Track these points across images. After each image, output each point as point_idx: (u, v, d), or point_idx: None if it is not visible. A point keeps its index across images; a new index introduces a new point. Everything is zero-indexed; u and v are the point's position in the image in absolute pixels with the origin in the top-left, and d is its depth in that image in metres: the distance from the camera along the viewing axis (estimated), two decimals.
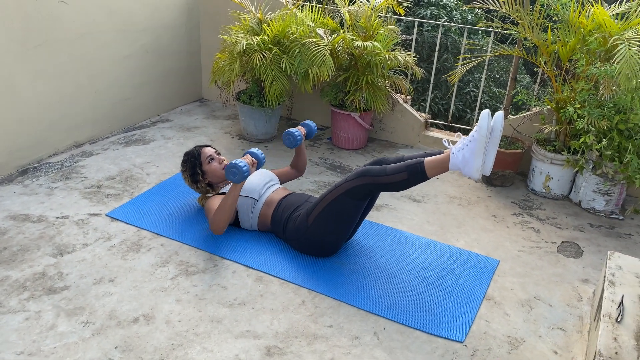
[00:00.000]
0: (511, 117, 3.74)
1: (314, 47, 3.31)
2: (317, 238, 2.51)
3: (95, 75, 3.67)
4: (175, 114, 4.41)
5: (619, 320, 1.98)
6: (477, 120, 3.59)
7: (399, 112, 3.95)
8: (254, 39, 3.45)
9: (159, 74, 4.22)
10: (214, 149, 2.89)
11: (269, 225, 2.71)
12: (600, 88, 2.68)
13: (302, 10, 3.63)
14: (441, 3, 7.15)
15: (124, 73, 3.89)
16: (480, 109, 6.88)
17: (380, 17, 3.63)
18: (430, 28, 6.63)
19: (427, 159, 2.25)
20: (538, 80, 3.61)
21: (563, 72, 3.16)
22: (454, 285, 2.49)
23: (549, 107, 3.32)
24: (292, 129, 2.85)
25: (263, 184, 2.76)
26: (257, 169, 2.71)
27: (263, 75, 3.41)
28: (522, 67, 8.21)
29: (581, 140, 2.81)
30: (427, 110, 4.06)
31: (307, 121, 2.97)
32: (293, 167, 3.08)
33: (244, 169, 2.44)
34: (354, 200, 2.40)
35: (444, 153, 2.31)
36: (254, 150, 2.69)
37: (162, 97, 4.34)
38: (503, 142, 3.54)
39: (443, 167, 2.22)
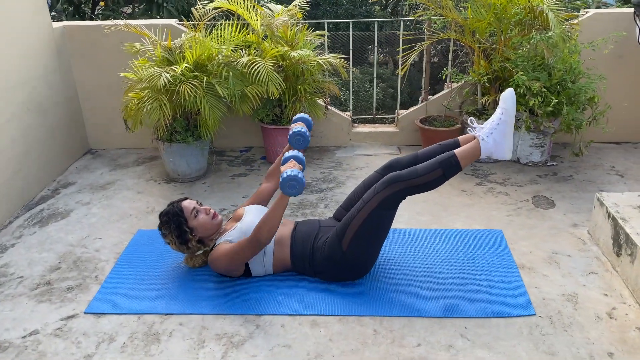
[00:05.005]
0: (430, 97, 3.94)
1: (254, 66, 3.06)
2: (356, 260, 2.35)
3: None
4: (73, 175, 3.73)
5: None
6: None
7: (328, 115, 3.88)
8: (174, 69, 3.07)
9: (44, 133, 3.52)
10: (194, 199, 2.52)
11: (289, 264, 2.46)
12: (546, 53, 2.97)
13: (214, 30, 3.32)
14: None
15: (7, 141, 3.15)
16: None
17: (298, 25, 3.51)
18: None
19: (457, 150, 2.24)
20: (450, 57, 3.85)
21: (482, 46, 3.41)
22: (485, 264, 2.55)
23: (470, 80, 3.56)
24: (298, 128, 2.48)
25: None
26: None
27: (200, 106, 3.05)
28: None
29: (531, 103, 3.07)
30: (350, 108, 4.06)
31: (300, 115, 2.63)
32: (270, 177, 2.73)
33: (303, 179, 2.14)
34: (388, 211, 2.30)
35: (467, 141, 2.33)
36: (295, 153, 2.31)
37: (53, 158, 3.63)
38: (437, 122, 3.72)
39: (475, 154, 2.24)
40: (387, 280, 2.45)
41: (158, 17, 7.13)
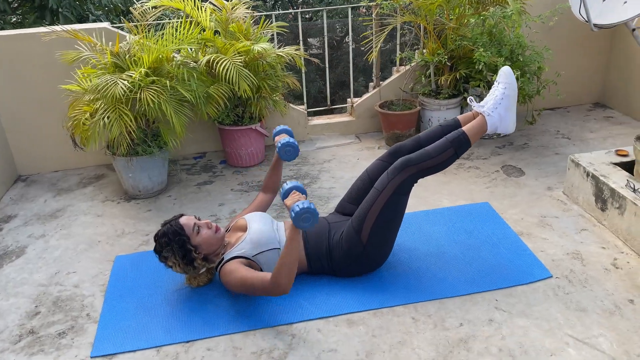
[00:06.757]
0: (382, 83, 3.96)
1: (220, 64, 2.87)
2: (376, 252, 2.29)
3: None
4: (11, 207, 3.27)
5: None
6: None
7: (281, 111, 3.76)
8: (130, 75, 2.79)
9: None
10: (191, 215, 2.31)
11: (305, 266, 2.34)
12: (506, 28, 3.09)
13: (166, 30, 3.05)
14: None
15: None
16: None
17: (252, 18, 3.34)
18: None
19: (465, 127, 2.26)
20: (398, 40, 3.88)
21: (438, 27, 3.48)
22: (488, 237, 2.62)
23: (423, 61, 3.63)
24: (285, 139, 2.39)
25: (273, 227, 2.35)
26: None
27: (166, 112, 2.80)
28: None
29: (494, 78, 3.19)
30: (305, 100, 3.96)
31: (280, 127, 2.54)
32: (267, 189, 2.62)
33: (316, 210, 1.99)
34: (404, 196, 2.27)
35: (467, 119, 2.36)
36: (294, 183, 2.14)
37: None
38: (395, 105, 3.76)
39: (482, 130, 2.28)
40: (404, 266, 2.43)
41: (47, 24, 6.49)
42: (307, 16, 8.87)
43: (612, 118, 4.02)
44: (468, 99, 2.39)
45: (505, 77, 2.27)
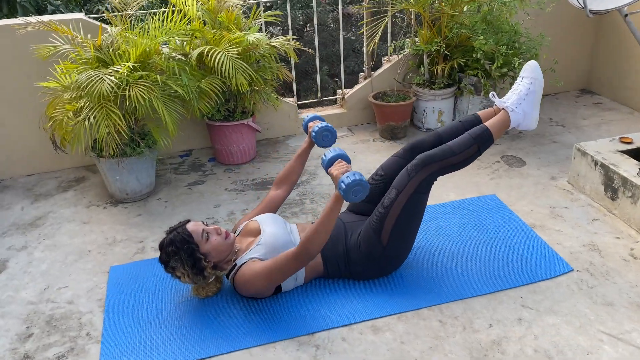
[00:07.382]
0: (374, 73, 3.84)
1: (214, 57, 2.68)
2: (396, 253, 2.19)
3: None
4: None
5: None
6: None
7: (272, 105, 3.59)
8: (116, 70, 2.57)
9: None
10: (198, 220, 2.15)
11: (321, 270, 2.21)
12: (507, 15, 3.00)
13: (152, 21, 2.83)
14: None
15: None
16: None
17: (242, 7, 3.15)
18: None
19: (488, 123, 2.17)
20: (389, 30, 3.76)
21: (433, 15, 3.38)
22: (501, 230, 2.56)
23: (420, 49, 3.53)
24: (323, 124, 2.29)
25: (286, 230, 2.22)
26: None
27: (158, 110, 2.61)
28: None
29: (494, 66, 3.12)
30: (294, 92, 3.80)
31: (310, 114, 2.42)
32: (283, 182, 2.45)
33: (367, 182, 1.88)
34: (425, 194, 2.16)
35: (488, 114, 2.27)
36: (340, 151, 2.05)
37: None
38: (389, 97, 3.64)
39: (505, 125, 2.19)
40: (422, 265, 2.34)
41: (4, 15, 6.09)
42: (267, 4, 8.71)
43: (601, 104, 4.03)
44: (490, 94, 2.30)
45: (532, 71, 2.19)
